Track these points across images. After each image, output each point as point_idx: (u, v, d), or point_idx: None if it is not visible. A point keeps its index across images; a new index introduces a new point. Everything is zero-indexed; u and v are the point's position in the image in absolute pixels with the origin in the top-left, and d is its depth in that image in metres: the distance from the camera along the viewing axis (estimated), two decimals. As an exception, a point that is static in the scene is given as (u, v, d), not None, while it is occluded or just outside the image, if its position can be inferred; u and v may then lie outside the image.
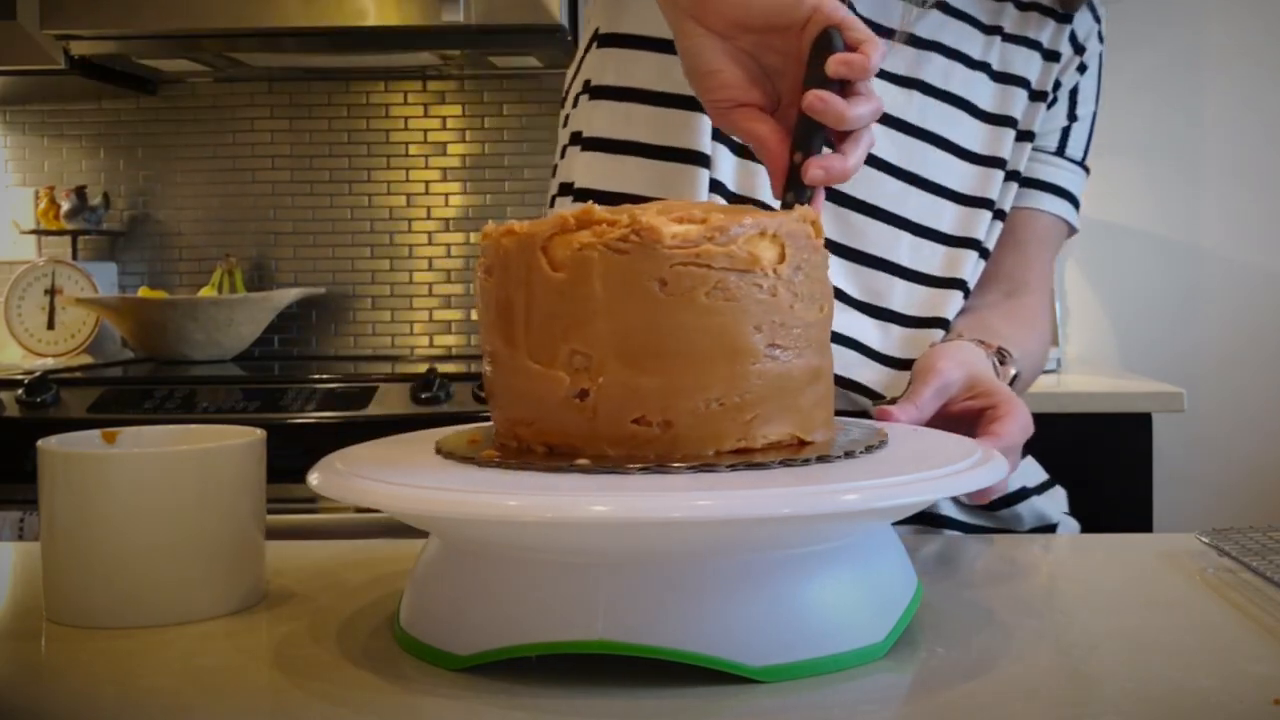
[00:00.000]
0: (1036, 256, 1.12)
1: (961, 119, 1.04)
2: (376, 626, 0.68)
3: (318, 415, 1.96)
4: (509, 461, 0.62)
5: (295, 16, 2.17)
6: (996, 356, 0.95)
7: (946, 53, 1.04)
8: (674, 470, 0.60)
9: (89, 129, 2.68)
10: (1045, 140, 1.10)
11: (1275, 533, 0.81)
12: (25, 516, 1.88)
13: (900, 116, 1.02)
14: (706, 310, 0.61)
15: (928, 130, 1.03)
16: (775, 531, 0.58)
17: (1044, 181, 1.11)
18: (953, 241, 1.04)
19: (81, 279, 2.53)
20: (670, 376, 0.61)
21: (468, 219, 2.63)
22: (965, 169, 1.04)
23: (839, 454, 0.64)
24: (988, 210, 1.05)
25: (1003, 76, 1.06)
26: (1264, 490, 2.53)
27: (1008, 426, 0.84)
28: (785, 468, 0.61)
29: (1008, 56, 1.06)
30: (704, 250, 0.61)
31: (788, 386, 0.64)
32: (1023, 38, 1.07)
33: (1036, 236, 1.11)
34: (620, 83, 1.01)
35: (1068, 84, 1.10)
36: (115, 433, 0.76)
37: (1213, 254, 2.51)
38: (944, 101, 1.03)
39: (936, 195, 1.03)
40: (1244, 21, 2.57)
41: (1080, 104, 1.12)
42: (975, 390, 0.87)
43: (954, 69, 1.04)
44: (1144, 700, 0.57)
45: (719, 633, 0.58)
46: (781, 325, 0.63)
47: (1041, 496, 1.08)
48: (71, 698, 0.60)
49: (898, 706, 0.59)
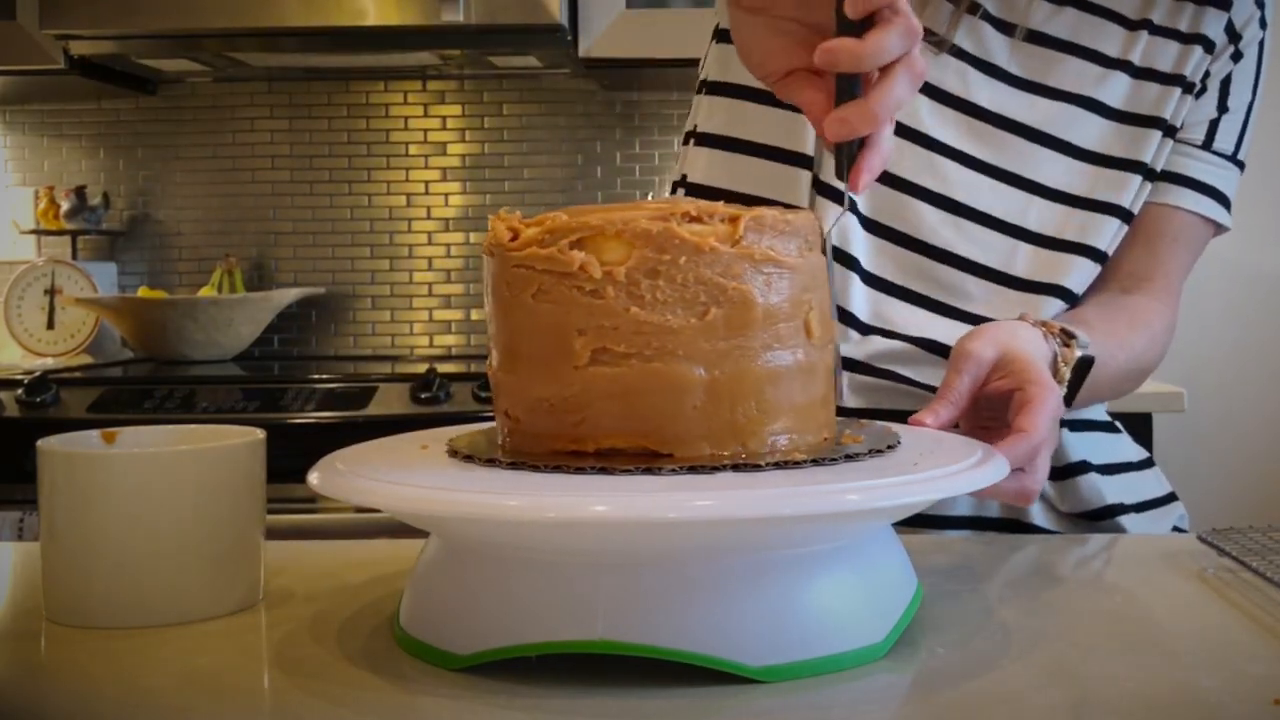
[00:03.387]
0: (1169, 256, 1.04)
1: (1090, 120, 1.00)
2: (376, 626, 0.68)
3: (318, 415, 1.96)
4: (509, 462, 0.62)
5: (295, 16, 2.17)
6: (1060, 339, 0.88)
7: (1080, 53, 1.01)
8: (674, 470, 0.60)
9: (89, 129, 2.68)
10: (1191, 133, 1.03)
11: (1275, 533, 0.81)
12: (25, 516, 1.88)
13: (1018, 120, 0.99)
14: (532, 311, 0.62)
15: (1048, 134, 0.99)
16: (775, 531, 0.58)
17: (1184, 176, 1.03)
18: (1060, 246, 1.00)
19: (81, 279, 2.53)
20: (516, 375, 0.65)
21: (467, 219, 2.63)
22: (1088, 171, 1.00)
23: (839, 455, 0.64)
24: (1113, 216, 1.00)
25: (1147, 73, 1.01)
26: (1264, 490, 2.52)
27: (1032, 420, 0.78)
28: (785, 468, 0.61)
29: (1153, 53, 1.01)
30: (530, 254, 0.62)
31: (638, 389, 0.61)
32: (1173, 30, 1.01)
33: (1169, 234, 1.03)
34: (735, 80, 1.03)
35: (1218, 73, 1.03)
36: (115, 433, 0.76)
37: (1213, 254, 2.51)
38: (1072, 104, 1.00)
39: (1056, 202, 0.99)
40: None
41: (1233, 95, 1.04)
42: (1006, 369, 0.82)
43: (1087, 69, 1.00)
44: (1144, 700, 0.57)
45: (719, 633, 0.58)
46: (614, 329, 0.61)
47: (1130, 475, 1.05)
48: (71, 698, 0.60)
49: (898, 706, 0.59)
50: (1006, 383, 0.81)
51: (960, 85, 1.00)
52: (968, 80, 1.00)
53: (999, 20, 1.01)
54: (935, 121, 0.99)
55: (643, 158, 2.63)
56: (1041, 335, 0.87)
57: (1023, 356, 0.82)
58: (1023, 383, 0.80)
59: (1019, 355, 0.82)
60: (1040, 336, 0.87)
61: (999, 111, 1.00)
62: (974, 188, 0.99)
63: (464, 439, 0.70)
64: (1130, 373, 1.01)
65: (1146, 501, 1.06)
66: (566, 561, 0.60)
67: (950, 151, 0.99)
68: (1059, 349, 0.87)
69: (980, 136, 1.00)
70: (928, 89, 0.99)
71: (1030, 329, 0.87)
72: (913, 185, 0.99)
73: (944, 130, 0.99)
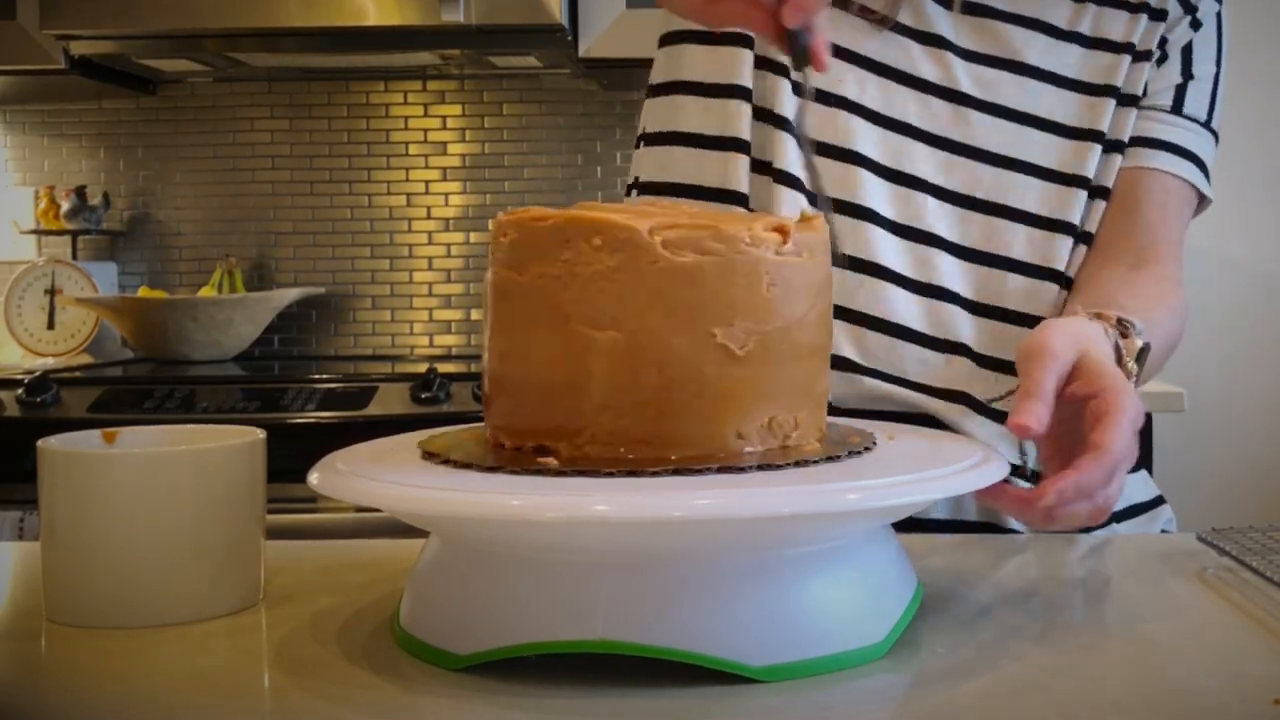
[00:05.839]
0: (1159, 221, 1.00)
1: (1044, 90, 0.99)
2: (376, 626, 0.68)
3: (318, 415, 1.96)
4: (509, 462, 0.62)
5: (295, 16, 2.17)
6: (1118, 330, 0.83)
7: (1024, 23, 1.00)
8: (675, 471, 0.60)
9: (89, 129, 2.68)
10: (1158, 99, 1.02)
11: (1275, 533, 0.81)
12: (25, 516, 1.88)
13: (967, 92, 0.99)
14: None
15: (1000, 104, 0.99)
16: (775, 531, 0.58)
17: (1158, 140, 1.01)
18: (1043, 224, 0.98)
19: (81, 279, 2.53)
20: None
21: (468, 219, 2.63)
22: (1050, 142, 0.99)
23: (840, 454, 0.64)
24: (1082, 189, 0.99)
25: (1097, 43, 1.01)
26: (1264, 490, 2.52)
27: (1112, 434, 0.71)
28: (786, 468, 0.61)
29: (1103, 22, 1.01)
30: None
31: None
32: (1121, 0, 1.02)
33: (1154, 199, 1.00)
34: (671, 77, 1.05)
35: (1178, 41, 1.02)
36: (115, 433, 0.76)
37: (1213, 254, 2.51)
38: (1021, 74, 0.99)
39: (1024, 174, 0.98)
40: (1237, 21, 2.57)
41: (1196, 62, 1.03)
42: (1082, 373, 0.76)
43: (1033, 39, 1.00)
44: (1144, 700, 0.57)
45: (719, 633, 0.58)
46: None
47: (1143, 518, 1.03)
48: (71, 698, 0.60)
49: (898, 706, 0.59)
50: (1081, 388, 0.75)
51: (906, 60, 1.00)
52: (913, 55, 1.00)
53: None
54: (883, 97, 0.99)
55: (643, 158, 2.62)
56: (1103, 330, 0.83)
57: (1098, 359, 0.77)
58: (1098, 389, 0.74)
59: (1094, 358, 0.77)
60: (1103, 332, 0.82)
61: (947, 85, 1.00)
62: (926, 161, 0.99)
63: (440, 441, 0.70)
64: (1166, 352, 0.97)
65: (1133, 506, 1.04)
66: (566, 561, 0.60)
67: (899, 126, 0.99)
68: (1120, 341, 0.83)
69: (931, 110, 0.99)
70: (874, 66, 1.00)
71: (1093, 324, 0.82)
72: (865, 159, 0.98)
73: (892, 107, 1.00)
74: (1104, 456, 0.70)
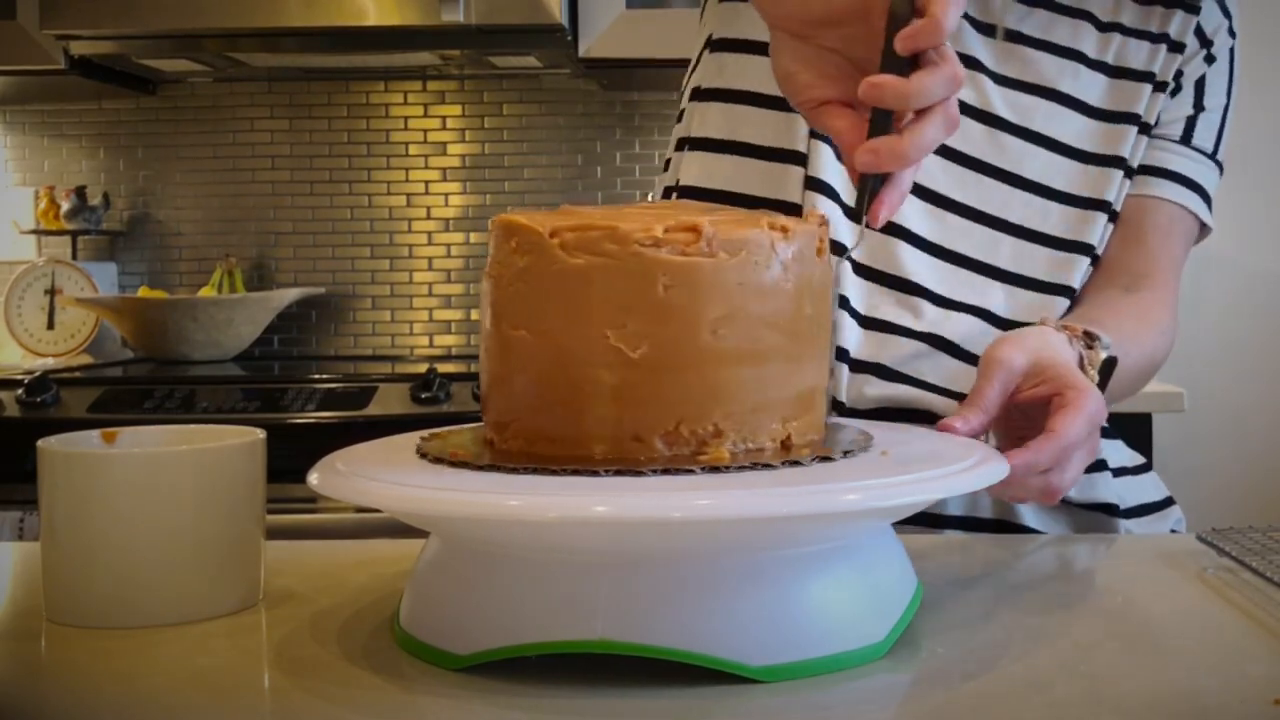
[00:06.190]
0: (1160, 249, 1.04)
1: (1072, 118, 1.01)
2: (376, 626, 0.68)
3: (318, 415, 1.96)
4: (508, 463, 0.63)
5: (295, 16, 2.17)
6: (1083, 340, 0.88)
7: (1056, 50, 1.01)
8: (674, 471, 0.60)
9: (89, 129, 2.68)
10: (1168, 129, 1.05)
11: (1275, 533, 0.81)
12: (25, 516, 1.88)
13: (1003, 116, 1.00)
14: None
15: (1033, 130, 1.00)
16: (775, 531, 0.58)
17: (1165, 169, 1.04)
18: (1061, 245, 1.01)
19: (81, 279, 2.53)
20: None
21: (467, 219, 2.63)
22: (1075, 169, 1.01)
23: (839, 454, 0.64)
24: (1103, 212, 1.01)
25: (1121, 71, 1.03)
26: (1264, 490, 2.52)
27: (1067, 422, 0.77)
28: (786, 468, 0.61)
29: (1126, 52, 1.03)
30: None
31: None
32: (1144, 31, 1.03)
33: (1157, 227, 1.03)
34: (728, 85, 1.04)
35: (1192, 74, 1.05)
36: (115, 433, 0.76)
37: (1212, 254, 2.51)
38: (1052, 100, 1.01)
39: (1043, 197, 1.00)
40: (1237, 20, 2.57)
41: (1209, 95, 1.06)
42: (1041, 375, 0.81)
43: (1064, 66, 1.01)
44: (1144, 700, 0.57)
45: (719, 633, 0.58)
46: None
47: (1126, 479, 1.05)
48: (71, 698, 0.60)
49: (898, 706, 0.59)
50: (1044, 389, 0.80)
51: None
52: None
53: (977, 21, 1.01)
54: None
55: (642, 158, 2.63)
56: (1067, 339, 0.87)
57: (1058, 362, 0.82)
58: (1061, 388, 0.79)
59: (1054, 361, 0.82)
60: (1066, 341, 0.86)
61: (981, 107, 1.00)
62: (959, 182, 1.00)
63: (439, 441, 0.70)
64: (1143, 370, 1.02)
65: (1143, 505, 1.06)
66: (566, 561, 0.60)
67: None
68: (1084, 351, 0.87)
69: (964, 132, 1.00)
70: None
71: (1056, 334, 0.86)
72: (935, 194, 0.99)
73: None
74: (1056, 439, 0.76)
